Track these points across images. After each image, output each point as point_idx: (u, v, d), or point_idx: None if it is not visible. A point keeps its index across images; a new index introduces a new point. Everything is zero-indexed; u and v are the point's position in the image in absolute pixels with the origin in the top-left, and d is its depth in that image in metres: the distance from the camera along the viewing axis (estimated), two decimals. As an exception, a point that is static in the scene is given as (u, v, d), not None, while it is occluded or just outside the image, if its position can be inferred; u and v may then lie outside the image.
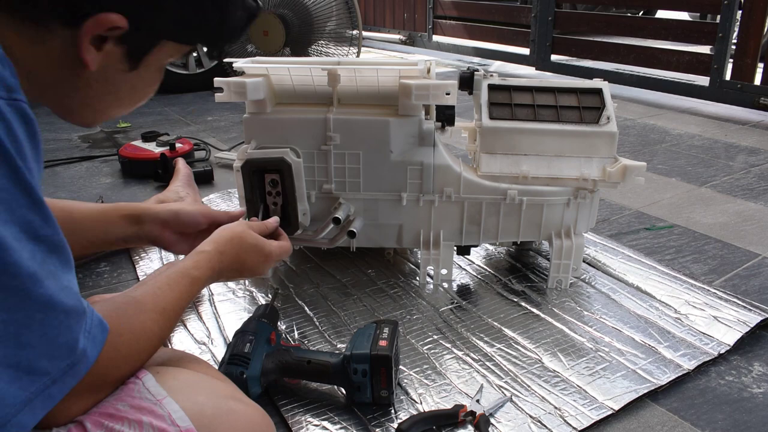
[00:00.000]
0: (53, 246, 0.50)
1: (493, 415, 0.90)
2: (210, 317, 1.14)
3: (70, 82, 0.59)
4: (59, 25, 0.55)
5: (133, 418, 0.59)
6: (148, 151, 1.94)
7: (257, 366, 0.90)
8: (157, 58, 0.64)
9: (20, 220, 0.46)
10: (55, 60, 0.57)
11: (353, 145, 1.17)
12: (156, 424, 0.59)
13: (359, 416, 0.89)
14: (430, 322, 1.14)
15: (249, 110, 1.18)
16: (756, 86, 2.73)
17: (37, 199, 0.48)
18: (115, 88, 0.63)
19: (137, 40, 0.59)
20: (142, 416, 0.59)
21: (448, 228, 1.24)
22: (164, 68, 0.67)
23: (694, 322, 1.12)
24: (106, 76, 0.61)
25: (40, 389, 0.49)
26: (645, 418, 0.91)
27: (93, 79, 0.60)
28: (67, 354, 0.51)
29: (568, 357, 1.03)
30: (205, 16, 0.63)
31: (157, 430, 0.59)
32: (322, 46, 3.02)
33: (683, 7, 3.73)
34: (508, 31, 3.95)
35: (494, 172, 1.19)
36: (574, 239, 1.21)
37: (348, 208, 1.21)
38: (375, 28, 5.17)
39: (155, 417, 0.60)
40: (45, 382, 0.50)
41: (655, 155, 2.21)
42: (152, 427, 0.59)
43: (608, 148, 1.18)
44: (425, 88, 1.10)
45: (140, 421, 0.59)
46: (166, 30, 0.62)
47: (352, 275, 1.30)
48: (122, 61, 0.60)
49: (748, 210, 1.70)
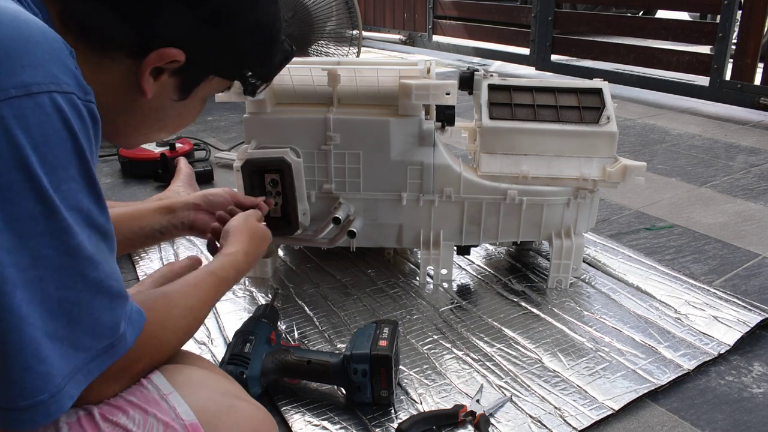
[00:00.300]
0: (104, 234, 0.53)
1: (493, 415, 0.90)
2: (210, 317, 1.14)
3: (124, 107, 0.63)
4: (123, 55, 0.59)
5: (138, 410, 0.60)
6: (148, 151, 1.94)
7: (257, 366, 0.90)
8: (204, 91, 0.69)
9: (84, 208, 0.50)
10: (114, 86, 0.61)
11: (353, 145, 1.17)
12: (161, 417, 0.60)
13: (359, 416, 0.89)
14: (430, 322, 1.14)
15: (249, 110, 1.18)
16: (756, 86, 2.73)
17: (98, 191, 0.52)
18: (164, 115, 0.68)
19: (190, 73, 0.65)
20: (148, 408, 0.60)
21: (448, 228, 1.24)
22: (207, 99, 0.73)
23: (694, 322, 1.12)
24: (159, 104, 0.66)
25: (82, 363, 0.52)
26: (645, 418, 0.91)
27: (147, 106, 0.65)
28: (110, 334, 0.54)
29: (568, 357, 1.03)
30: (252, 58, 0.70)
31: (162, 424, 0.60)
32: (322, 46, 3.03)
33: (683, 7, 3.73)
34: (508, 31, 3.95)
35: (494, 172, 1.19)
36: (574, 239, 1.21)
37: (348, 208, 1.21)
38: (375, 28, 5.17)
39: (160, 410, 0.61)
40: (87, 358, 0.53)
41: (655, 155, 2.21)
42: (157, 420, 0.60)
43: (608, 148, 1.18)
44: (425, 88, 1.10)
45: (146, 414, 0.60)
46: (216, 67, 0.67)
47: (352, 275, 1.30)
48: (174, 91, 0.65)
49: (748, 210, 1.70)
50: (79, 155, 0.49)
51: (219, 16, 0.63)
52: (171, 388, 0.64)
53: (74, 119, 0.49)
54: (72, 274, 0.50)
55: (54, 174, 0.47)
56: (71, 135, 0.48)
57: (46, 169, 0.47)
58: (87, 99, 0.51)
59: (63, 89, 0.48)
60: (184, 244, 1.44)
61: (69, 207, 0.49)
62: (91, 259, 0.51)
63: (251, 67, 0.71)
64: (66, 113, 0.48)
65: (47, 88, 0.47)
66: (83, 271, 0.51)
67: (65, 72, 0.49)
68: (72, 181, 0.49)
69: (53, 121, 0.47)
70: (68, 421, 0.56)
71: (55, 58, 0.49)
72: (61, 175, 0.48)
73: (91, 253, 0.51)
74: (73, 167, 0.49)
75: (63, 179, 0.48)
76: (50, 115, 0.47)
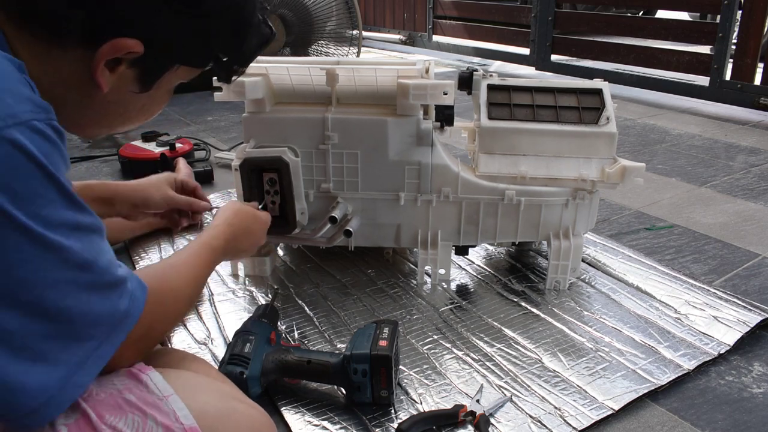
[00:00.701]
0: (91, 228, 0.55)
1: (493, 415, 0.90)
2: (210, 317, 1.14)
3: (79, 100, 0.60)
4: (74, 44, 0.55)
5: (138, 412, 0.60)
6: (148, 151, 1.94)
7: (257, 366, 0.90)
8: (169, 81, 0.65)
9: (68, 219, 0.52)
10: (66, 78, 0.57)
11: (351, 144, 1.17)
12: (160, 420, 0.60)
13: (359, 416, 0.89)
14: (430, 322, 1.14)
15: (248, 109, 1.18)
16: (756, 86, 2.73)
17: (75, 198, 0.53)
18: (125, 108, 0.64)
19: (151, 63, 0.60)
20: (147, 411, 0.60)
21: (445, 228, 1.24)
22: (173, 89, 0.68)
23: (694, 322, 1.12)
24: (118, 98, 0.62)
25: (89, 352, 0.56)
26: (645, 418, 0.91)
27: (105, 100, 0.61)
28: (109, 319, 0.57)
29: (568, 357, 1.03)
30: (221, 43, 0.64)
31: (161, 426, 0.60)
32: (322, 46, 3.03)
33: (683, 7, 3.73)
34: (508, 31, 3.95)
35: (492, 172, 1.19)
36: (572, 240, 1.21)
37: (345, 208, 1.21)
38: (375, 28, 5.17)
39: (160, 413, 0.60)
40: (93, 345, 0.56)
41: (655, 155, 2.21)
42: (156, 423, 0.60)
43: (607, 149, 1.18)
44: (423, 88, 1.10)
45: (145, 416, 0.60)
46: (180, 55, 0.62)
47: (352, 275, 1.30)
48: (134, 83, 0.61)
49: (748, 210, 1.70)
50: (50, 178, 0.50)
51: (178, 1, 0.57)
52: (171, 390, 0.63)
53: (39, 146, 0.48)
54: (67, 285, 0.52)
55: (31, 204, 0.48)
56: (38, 165, 0.48)
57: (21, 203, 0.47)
58: (48, 118, 0.50)
59: (21, 120, 0.47)
60: (183, 244, 1.44)
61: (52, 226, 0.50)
62: (83, 266, 0.53)
63: (223, 53, 0.66)
64: (28, 146, 0.47)
65: (5, 124, 0.46)
66: (77, 280, 0.53)
67: (19, 99, 0.48)
68: (50, 204, 0.50)
69: (18, 156, 0.47)
70: (66, 423, 0.56)
71: (7, 89, 0.48)
72: (39, 202, 0.49)
73: (82, 259, 0.53)
74: (50, 191, 0.50)
75: (41, 205, 0.49)
76: (14, 152, 0.47)
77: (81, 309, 0.54)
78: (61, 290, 0.52)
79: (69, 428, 0.56)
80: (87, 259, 0.54)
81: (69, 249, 0.52)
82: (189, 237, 1.47)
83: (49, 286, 0.51)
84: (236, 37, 0.65)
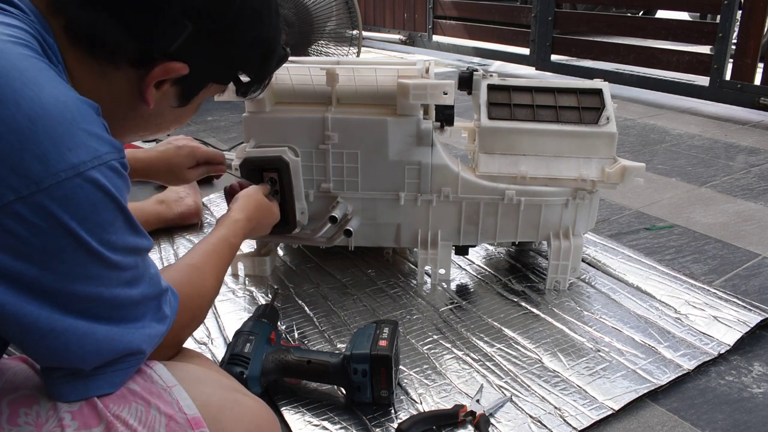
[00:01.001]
0: (144, 248, 0.60)
1: (493, 415, 0.90)
2: (210, 317, 1.14)
3: (124, 113, 0.66)
4: (127, 66, 0.61)
5: (141, 401, 0.60)
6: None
7: (257, 366, 0.90)
8: (202, 96, 0.72)
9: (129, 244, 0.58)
10: (117, 94, 0.63)
11: (351, 144, 1.17)
12: (164, 409, 0.61)
13: (359, 416, 0.89)
14: (429, 322, 1.14)
15: (248, 109, 1.18)
16: (756, 86, 2.73)
17: (136, 224, 0.59)
18: (161, 120, 0.71)
19: (191, 83, 0.67)
20: (151, 400, 0.61)
21: (445, 228, 1.24)
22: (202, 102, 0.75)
23: (694, 322, 1.12)
24: (158, 111, 0.68)
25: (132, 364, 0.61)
26: (645, 418, 0.91)
27: (147, 113, 0.67)
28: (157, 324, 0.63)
29: (568, 357, 1.03)
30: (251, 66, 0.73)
31: (165, 416, 0.60)
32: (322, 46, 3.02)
33: (683, 7, 3.73)
34: (508, 31, 3.95)
35: (492, 172, 1.19)
36: (572, 240, 1.21)
37: (345, 207, 1.21)
38: (375, 28, 5.17)
39: (164, 403, 0.61)
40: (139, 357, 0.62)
41: (655, 155, 2.21)
42: (159, 412, 0.60)
43: (607, 149, 1.18)
44: (423, 88, 1.10)
45: (148, 405, 0.60)
46: (215, 76, 0.70)
47: (352, 275, 1.30)
48: (175, 99, 0.68)
49: (748, 210, 1.70)
50: (120, 210, 0.56)
51: (221, 31, 0.64)
52: (175, 381, 0.64)
53: (114, 184, 0.55)
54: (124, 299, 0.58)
55: (102, 232, 0.54)
56: (113, 199, 0.54)
57: (94, 232, 0.53)
58: (120, 156, 0.56)
59: (103, 160, 0.53)
60: (183, 244, 1.44)
61: (116, 249, 0.56)
62: (134, 281, 0.59)
63: (248, 74, 0.74)
64: (107, 185, 0.54)
65: (90, 166, 0.52)
66: (130, 294, 0.58)
67: (101, 141, 0.54)
68: (118, 231, 0.56)
69: (97, 193, 0.53)
70: (70, 410, 0.57)
71: (92, 133, 0.54)
72: (109, 230, 0.55)
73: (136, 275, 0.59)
74: (119, 220, 0.56)
75: (110, 232, 0.55)
76: (94, 189, 0.53)
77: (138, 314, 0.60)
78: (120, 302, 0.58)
79: (73, 415, 0.57)
80: (139, 277, 0.60)
81: (126, 267, 0.57)
82: (189, 237, 1.47)
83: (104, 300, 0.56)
84: (263, 62, 0.73)
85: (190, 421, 0.61)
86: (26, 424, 0.56)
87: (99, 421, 0.57)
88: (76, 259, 0.53)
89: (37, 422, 0.56)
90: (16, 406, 0.57)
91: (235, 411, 0.68)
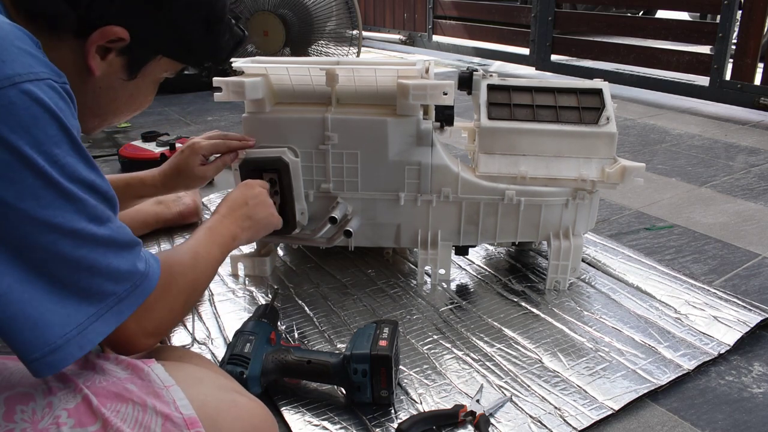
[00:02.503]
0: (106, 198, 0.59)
1: (493, 415, 0.90)
2: (210, 317, 1.14)
3: (76, 88, 0.65)
4: (70, 35, 0.63)
5: (138, 400, 0.61)
6: (148, 151, 1.94)
7: (257, 366, 0.90)
8: (153, 71, 0.72)
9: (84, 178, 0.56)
10: (64, 66, 0.62)
11: (351, 144, 1.17)
12: (160, 408, 0.61)
13: (359, 416, 0.89)
14: (429, 322, 1.14)
15: (248, 109, 1.18)
16: (756, 86, 2.73)
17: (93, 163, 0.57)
18: (115, 96, 0.71)
19: (136, 52, 0.68)
20: (147, 399, 0.61)
21: (445, 228, 1.24)
22: (159, 82, 0.76)
23: (694, 322, 1.12)
24: (108, 84, 0.69)
25: (110, 305, 0.59)
26: (645, 418, 0.91)
27: (96, 86, 0.68)
28: (130, 276, 0.61)
29: (568, 357, 1.03)
30: (195, 37, 0.72)
31: (161, 415, 0.61)
32: (322, 46, 3.03)
33: (683, 7, 3.73)
34: (508, 31, 3.95)
35: (492, 172, 1.19)
36: (572, 240, 1.21)
37: (345, 208, 1.21)
38: (375, 28, 5.17)
39: (161, 402, 0.62)
40: (114, 300, 0.60)
41: (655, 155, 2.21)
42: (156, 412, 0.60)
43: (607, 149, 1.18)
44: (422, 88, 1.10)
45: (144, 404, 0.60)
46: (161, 46, 0.70)
47: (352, 275, 1.30)
48: (123, 70, 0.69)
49: (748, 210, 1.70)
50: (66, 133, 0.54)
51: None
52: (172, 381, 0.64)
53: (56, 101, 0.54)
54: (83, 235, 0.56)
55: (49, 151, 0.53)
56: (54, 116, 0.53)
57: (39, 148, 0.52)
58: (62, 81, 0.56)
59: (39, 77, 0.53)
60: (183, 244, 1.44)
61: (69, 179, 0.54)
62: (98, 219, 0.57)
63: (197, 47, 0.73)
64: (45, 99, 0.53)
65: (27, 78, 0.52)
66: (94, 233, 0.57)
67: (37, 61, 0.54)
68: (67, 155, 0.54)
69: (35, 107, 0.52)
70: (67, 407, 0.57)
71: (27, 51, 0.54)
72: (56, 151, 0.53)
73: (97, 213, 0.57)
74: (65, 143, 0.54)
75: (58, 155, 0.53)
76: (31, 103, 0.52)
77: (99, 261, 0.57)
78: (77, 239, 0.55)
79: (69, 412, 0.57)
80: (101, 215, 0.58)
81: (85, 201, 0.55)
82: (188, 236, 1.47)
83: (66, 234, 0.54)
84: (209, 32, 0.72)
85: (186, 421, 0.61)
86: (22, 420, 0.56)
87: (95, 419, 0.57)
88: (24, 179, 0.51)
89: (33, 419, 0.56)
90: (12, 403, 0.57)
91: (232, 411, 0.68)
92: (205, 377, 0.71)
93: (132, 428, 0.58)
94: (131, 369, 0.64)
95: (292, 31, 2.88)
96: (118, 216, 0.63)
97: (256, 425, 0.71)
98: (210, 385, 0.70)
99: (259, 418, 0.72)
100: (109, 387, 0.61)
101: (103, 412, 0.58)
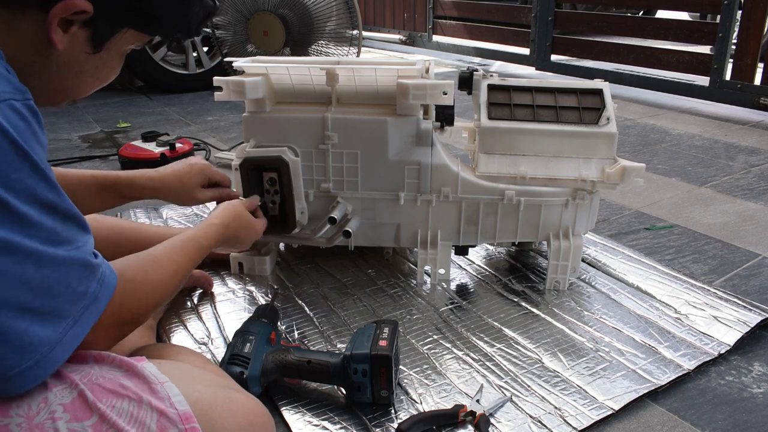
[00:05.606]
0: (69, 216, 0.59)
1: (493, 415, 0.90)
2: (210, 317, 1.14)
3: (40, 63, 0.65)
4: (32, 9, 0.61)
5: (133, 396, 0.61)
6: (148, 151, 1.94)
7: (257, 366, 0.90)
8: (119, 44, 0.70)
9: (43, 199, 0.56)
10: (28, 43, 0.62)
11: (351, 144, 1.17)
12: (155, 404, 0.61)
13: (359, 416, 0.89)
14: (429, 322, 1.14)
15: (248, 109, 1.18)
16: (756, 86, 2.73)
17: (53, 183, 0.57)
18: (80, 69, 0.69)
19: (100, 25, 0.66)
20: (143, 395, 0.61)
21: (445, 228, 1.24)
22: (126, 54, 0.73)
23: (694, 322, 1.12)
24: (73, 58, 0.67)
25: (67, 329, 0.59)
26: (645, 418, 0.91)
27: (60, 60, 0.66)
28: (82, 298, 0.60)
29: (568, 357, 1.03)
30: (162, 8, 0.70)
31: (156, 410, 0.61)
32: (322, 46, 3.02)
33: (683, 7, 3.73)
34: (508, 31, 3.95)
35: (492, 172, 1.19)
36: (572, 240, 1.21)
37: (345, 208, 1.21)
38: (375, 28, 5.17)
39: (156, 397, 0.62)
40: (69, 323, 0.59)
41: (655, 155, 2.21)
42: (151, 407, 0.61)
43: (607, 149, 1.18)
44: (422, 88, 1.10)
45: (140, 400, 0.61)
46: (126, 18, 0.68)
47: (351, 275, 1.30)
48: (86, 44, 0.66)
49: (748, 210, 1.70)
50: (24, 156, 0.54)
51: None
52: (166, 378, 0.64)
53: (15, 124, 0.53)
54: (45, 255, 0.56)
55: (5, 178, 0.52)
56: (13, 142, 0.53)
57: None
58: (25, 98, 0.55)
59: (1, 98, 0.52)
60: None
61: (24, 199, 0.54)
62: (56, 240, 0.57)
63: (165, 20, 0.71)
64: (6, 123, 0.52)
65: None
66: (46, 255, 0.56)
67: None
68: (27, 179, 0.54)
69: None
70: (63, 402, 0.57)
71: None
72: (13, 176, 0.53)
73: (52, 236, 0.56)
74: (25, 167, 0.54)
75: (15, 180, 0.53)
76: None
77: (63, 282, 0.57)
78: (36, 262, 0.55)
79: (65, 407, 0.57)
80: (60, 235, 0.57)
81: (39, 225, 0.55)
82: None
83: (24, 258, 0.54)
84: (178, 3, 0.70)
85: (182, 416, 0.61)
86: (17, 415, 0.56)
87: (91, 414, 0.58)
88: None
89: (28, 414, 0.56)
90: (7, 398, 0.57)
91: (227, 407, 0.68)
92: (200, 374, 0.72)
93: (127, 423, 0.58)
94: (125, 367, 0.64)
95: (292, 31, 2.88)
96: None
97: (252, 421, 0.71)
98: (205, 382, 0.70)
99: (254, 414, 0.72)
100: (104, 383, 0.61)
101: (99, 407, 0.58)
